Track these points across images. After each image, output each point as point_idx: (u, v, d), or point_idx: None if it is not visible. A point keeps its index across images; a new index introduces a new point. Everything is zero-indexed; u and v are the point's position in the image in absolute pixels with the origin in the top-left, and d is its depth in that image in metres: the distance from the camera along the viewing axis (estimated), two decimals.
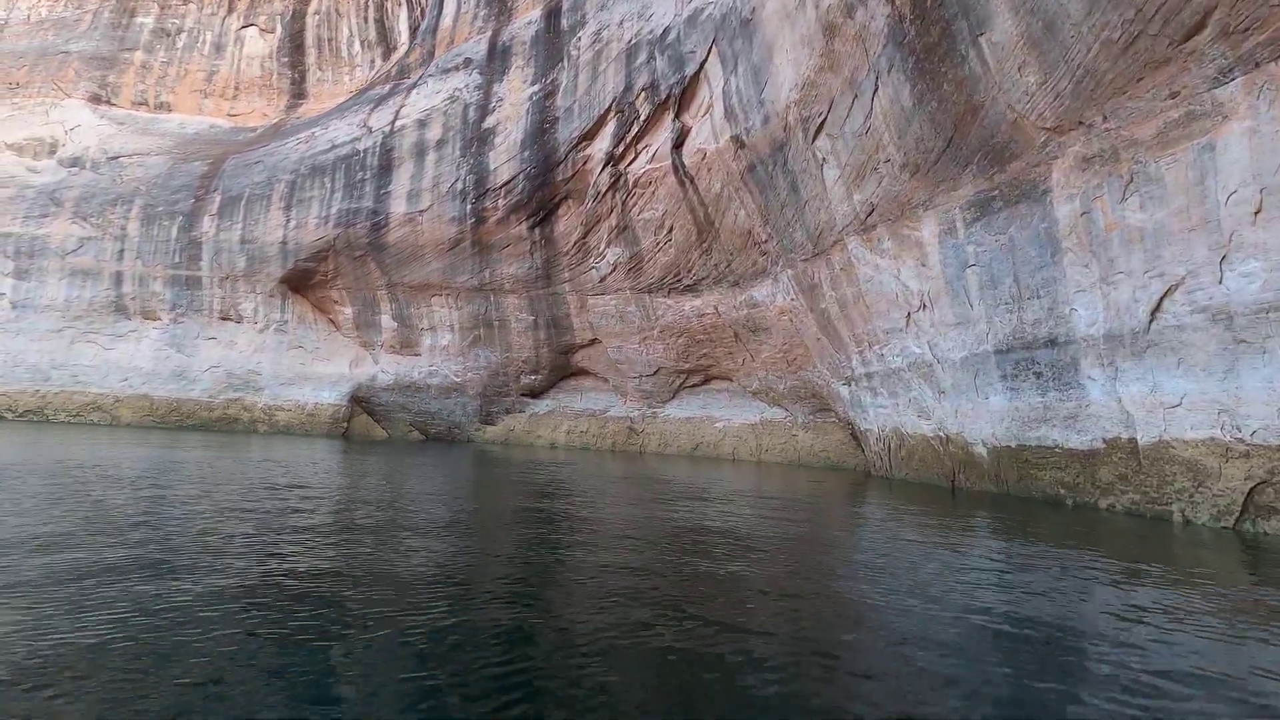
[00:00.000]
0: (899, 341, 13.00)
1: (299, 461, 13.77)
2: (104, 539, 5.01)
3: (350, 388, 26.37)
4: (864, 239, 13.17)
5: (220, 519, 6.24)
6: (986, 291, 10.47)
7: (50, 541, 4.80)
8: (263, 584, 3.99)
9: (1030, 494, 10.17)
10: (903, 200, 11.94)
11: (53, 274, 26.71)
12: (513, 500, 9.47)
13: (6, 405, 25.73)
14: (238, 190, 26.37)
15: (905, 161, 11.42)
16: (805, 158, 14.03)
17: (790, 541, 6.85)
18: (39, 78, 29.65)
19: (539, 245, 23.29)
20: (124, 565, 4.22)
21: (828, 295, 15.04)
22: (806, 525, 8.08)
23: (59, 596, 3.58)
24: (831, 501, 10.87)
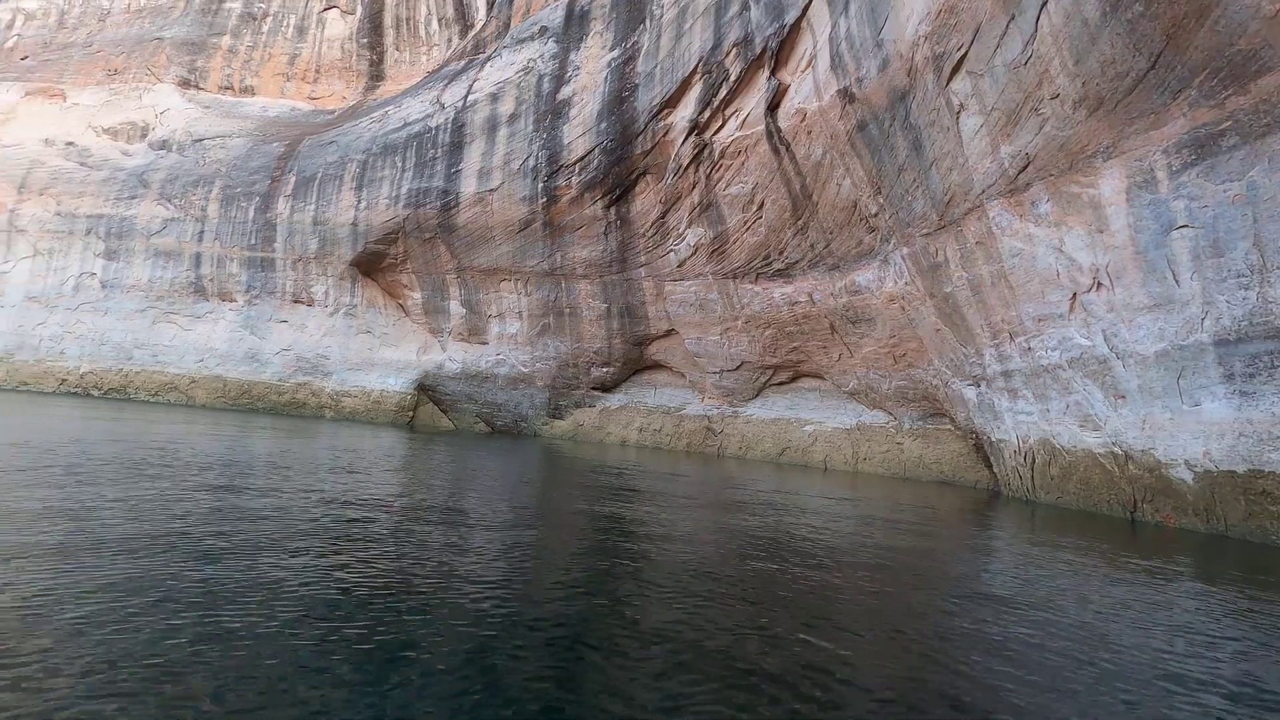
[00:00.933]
0: (1056, 331, 10.31)
1: (364, 452, 12.55)
2: (184, 526, 4.63)
3: (417, 375, 25.42)
4: (1011, 203, 10.55)
5: (286, 513, 5.50)
6: (1205, 261, 7.75)
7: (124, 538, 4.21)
8: (325, 580, 3.70)
9: (1267, 538, 7.43)
10: (1073, 149, 9.30)
11: (139, 254, 27.07)
12: (582, 503, 7.95)
13: (94, 383, 26.20)
14: (311, 171, 25.89)
15: (1082, 96, 8.80)
16: (934, 106, 11.51)
17: (910, 573, 4.89)
18: (135, 64, 30.32)
19: (614, 226, 21.48)
20: (186, 556, 3.92)
21: (955, 276, 12.43)
22: (926, 554, 5.87)
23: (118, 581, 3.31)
24: (953, 525, 8.49)
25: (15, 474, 6.10)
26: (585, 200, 21.57)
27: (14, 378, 26.67)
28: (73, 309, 27.19)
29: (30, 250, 28.03)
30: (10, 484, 5.57)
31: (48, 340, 26.90)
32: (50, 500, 5.03)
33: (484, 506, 6.94)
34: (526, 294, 23.91)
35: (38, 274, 27.79)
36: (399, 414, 25.11)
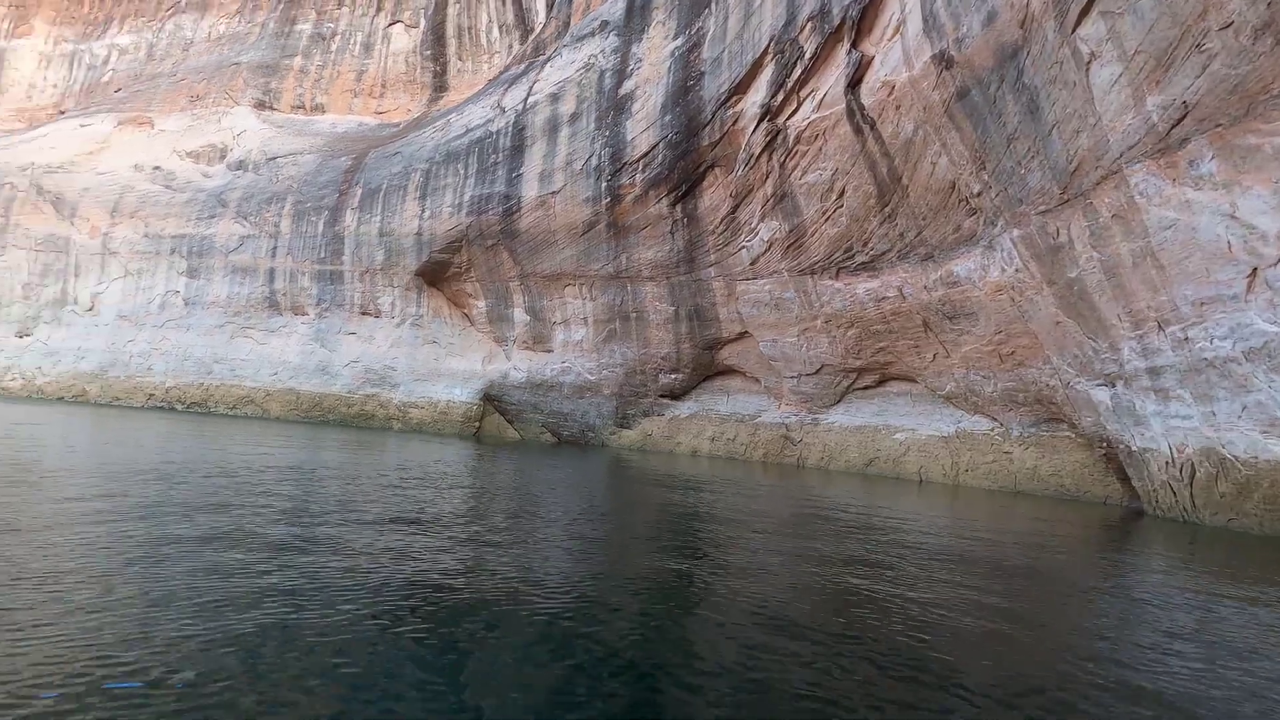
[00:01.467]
0: (1227, 316, 8.47)
1: (428, 467, 11.93)
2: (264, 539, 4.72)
3: (482, 385, 24.94)
4: (1161, 164, 8.78)
5: (354, 528, 5.42)
6: None
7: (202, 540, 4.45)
8: (393, 590, 3.67)
9: None
10: (1250, 89, 7.54)
11: (218, 272, 27.81)
12: (650, 522, 7.30)
13: (177, 397, 26.98)
14: (377, 182, 25.94)
15: (1267, 20, 7.07)
16: (1056, 60, 9.84)
17: (1048, 631, 3.63)
18: (215, 89, 31.45)
19: (680, 225, 20.35)
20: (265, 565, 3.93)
21: (1083, 258, 10.65)
22: (1064, 598, 4.48)
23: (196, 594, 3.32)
24: (1093, 552, 6.93)
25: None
26: (650, 198, 20.54)
27: (108, 393, 27.80)
28: (159, 326, 28.17)
29: (122, 271, 29.29)
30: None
31: (137, 357, 27.94)
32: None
33: (548, 527, 6.37)
34: (591, 299, 23.05)
35: (128, 293, 28.98)
36: (465, 425, 24.67)
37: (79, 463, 8.34)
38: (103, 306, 29.28)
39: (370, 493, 7.84)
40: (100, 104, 33.16)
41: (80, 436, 12.61)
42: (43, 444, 10.56)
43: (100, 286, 29.45)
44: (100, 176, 30.66)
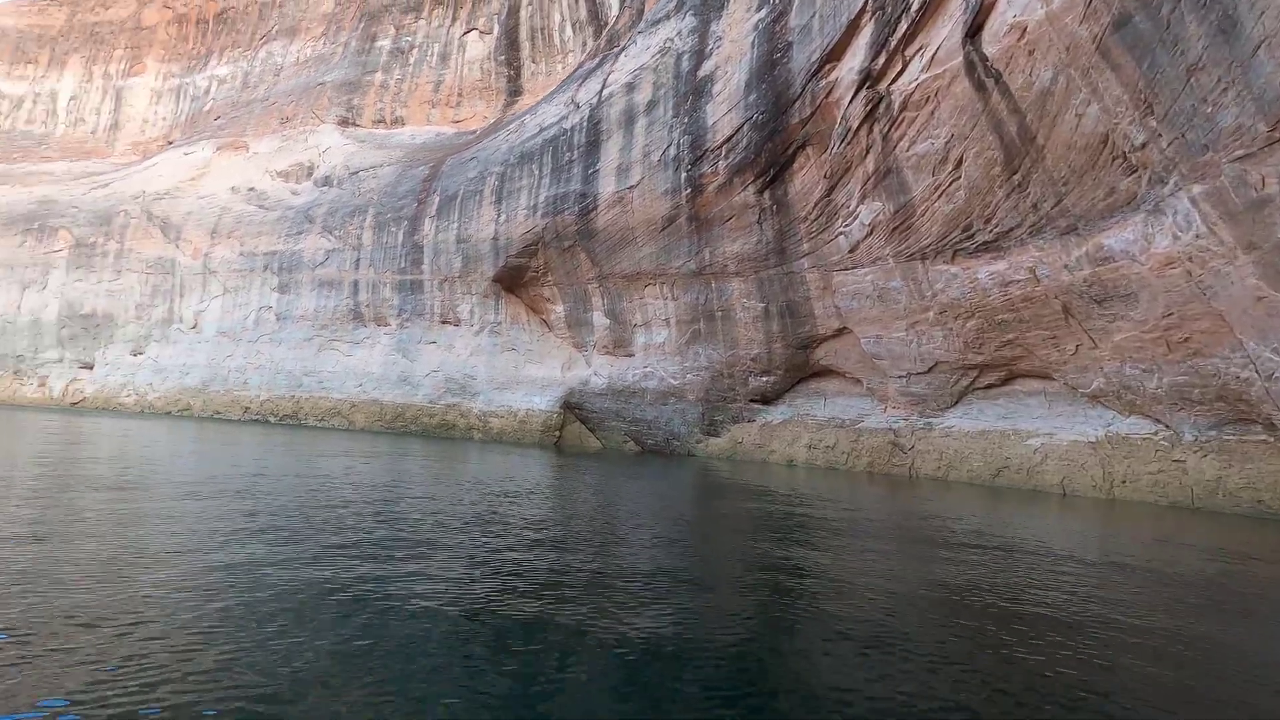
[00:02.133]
0: None
1: (510, 477, 11.10)
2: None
3: (562, 392, 23.99)
4: None
5: (434, 550, 5.16)
6: None
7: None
8: (472, 607, 3.62)
9: None
10: None
11: (306, 286, 28.31)
12: (743, 543, 6.35)
13: (270, 410, 27.55)
14: (453, 189, 25.62)
15: None
16: None
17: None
18: (302, 109, 32.34)
19: (769, 213, 18.65)
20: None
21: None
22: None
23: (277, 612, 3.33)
24: None
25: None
26: (734, 186, 18.96)
27: (209, 407, 28.78)
28: (253, 341, 28.96)
29: (221, 289, 30.39)
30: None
31: (234, 371, 28.80)
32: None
33: (634, 554, 5.70)
34: (673, 298, 21.65)
35: (226, 310, 30.02)
36: (545, 434, 23.78)
37: (200, 475, 7.83)
38: (204, 324, 30.46)
39: (451, 526, 6.75)
40: (202, 132, 34.86)
41: (185, 450, 12.40)
42: (149, 458, 10.19)
43: (202, 305, 30.67)
44: (201, 200, 32.07)
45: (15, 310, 33.73)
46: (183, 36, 39.63)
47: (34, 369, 33.27)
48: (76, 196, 34.83)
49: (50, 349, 33.13)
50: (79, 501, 6.17)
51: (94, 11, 41.50)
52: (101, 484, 7.39)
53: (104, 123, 39.58)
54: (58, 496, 6.36)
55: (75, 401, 32.05)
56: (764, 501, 10.10)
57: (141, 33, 40.16)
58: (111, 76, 40.11)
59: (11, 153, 39.76)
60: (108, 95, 39.99)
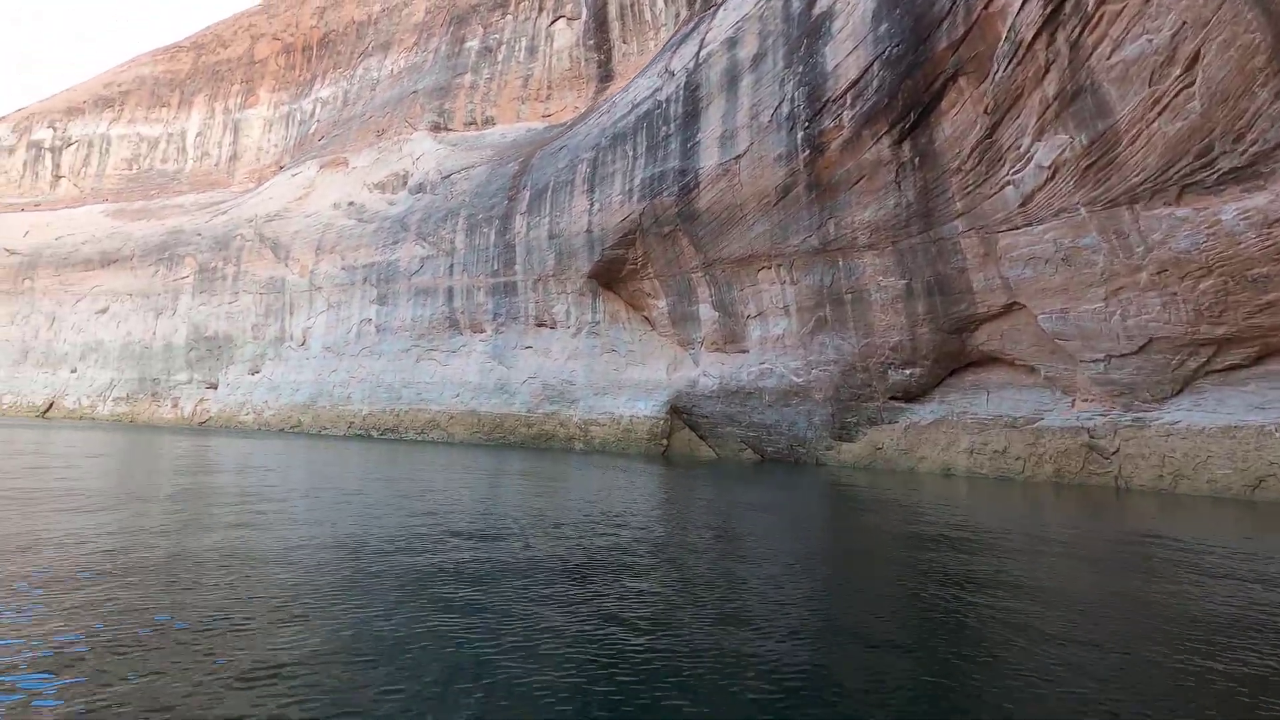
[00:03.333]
0: None
1: (615, 493, 9.40)
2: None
3: (667, 396, 21.52)
4: None
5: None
6: None
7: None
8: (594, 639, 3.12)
9: None
10: None
11: (403, 296, 27.60)
12: (904, 588, 4.36)
13: (373, 424, 26.93)
14: (543, 181, 23.90)
15: None
16: None
17: None
18: (396, 120, 32.06)
19: (909, 169, 15.34)
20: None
21: None
22: None
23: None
24: None
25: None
26: (863, 141, 15.80)
27: (317, 423, 28.67)
28: (355, 355, 28.60)
29: (325, 304, 30.42)
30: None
31: (338, 386, 28.54)
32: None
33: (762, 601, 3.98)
34: (792, 282, 18.66)
35: (330, 325, 29.96)
36: (651, 443, 21.36)
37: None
38: (311, 340, 30.58)
39: (554, 569, 4.45)
40: (307, 153, 35.55)
41: (296, 477, 11.07)
42: (272, 496, 8.74)
43: (309, 321, 30.83)
44: (307, 219, 32.44)
45: (151, 336, 35.63)
46: (290, 65, 41.05)
47: (168, 391, 34.92)
48: (200, 225, 36.49)
49: (180, 371, 34.65)
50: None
51: (215, 52, 43.96)
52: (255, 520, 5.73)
53: (225, 154, 41.66)
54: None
55: (202, 421, 33.21)
56: (928, 525, 7.12)
57: (254, 66, 42.02)
58: (230, 110, 42.22)
59: (149, 190, 42.64)
60: (227, 128, 42.11)
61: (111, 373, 36.42)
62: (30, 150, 45.73)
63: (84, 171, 44.50)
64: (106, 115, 45.04)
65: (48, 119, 46.26)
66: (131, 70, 46.07)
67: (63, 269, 39.18)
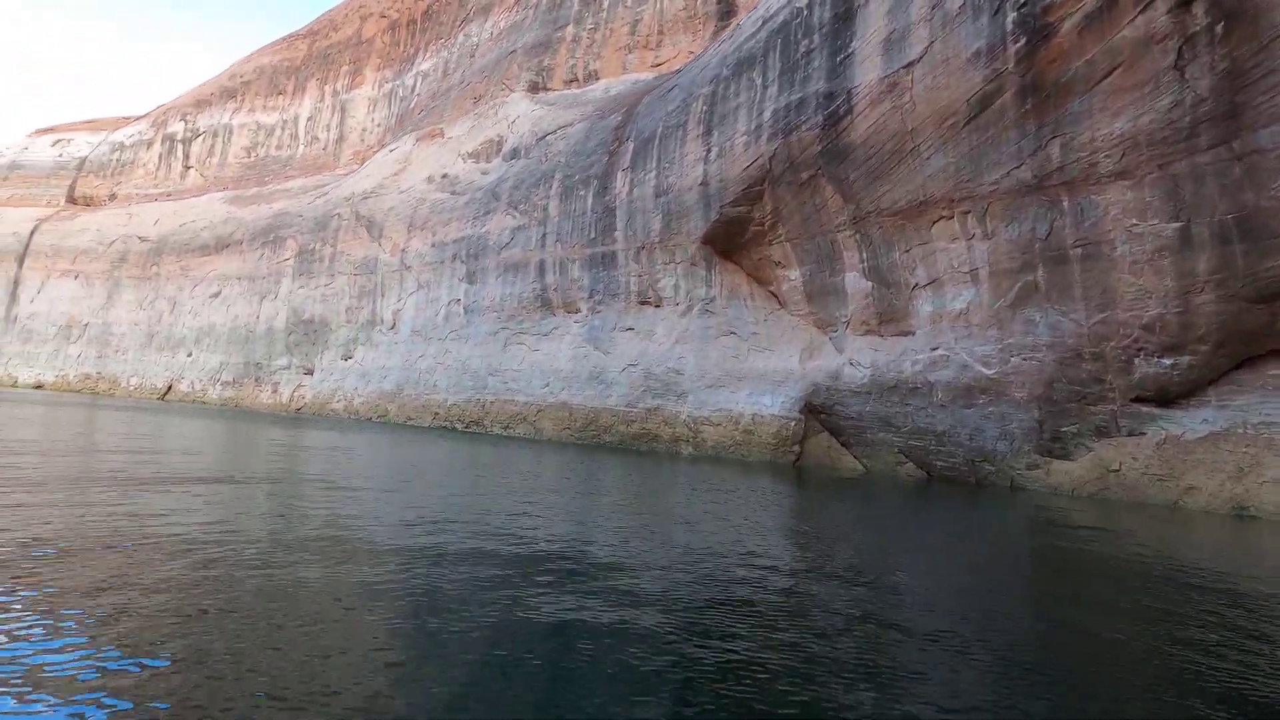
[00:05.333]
0: None
1: (732, 529, 6.19)
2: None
3: (801, 391, 16.90)
4: None
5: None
6: None
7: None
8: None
9: None
10: None
11: (492, 273, 24.63)
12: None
13: (457, 415, 24.12)
14: (650, 129, 19.94)
15: None
16: None
17: None
18: (493, 84, 29.33)
19: (1202, 43, 9.99)
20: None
21: None
22: None
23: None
24: None
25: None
26: (1120, 10, 10.54)
27: (403, 412, 26.33)
28: (443, 339, 26.00)
29: (415, 285, 28.11)
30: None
31: (424, 373, 26.04)
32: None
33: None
34: (984, 236, 13.55)
35: (419, 307, 27.61)
36: (779, 449, 16.83)
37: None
38: (401, 323, 28.41)
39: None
40: (406, 128, 33.71)
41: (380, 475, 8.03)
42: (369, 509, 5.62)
43: (399, 303, 28.68)
44: (401, 195, 30.41)
45: (255, 319, 35.11)
46: (395, 42, 39.78)
47: (269, 375, 34.20)
48: (303, 206, 35.65)
49: (280, 355, 33.79)
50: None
51: (327, 37, 43.65)
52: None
53: (332, 137, 41.08)
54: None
55: (298, 408, 32.05)
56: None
57: (361, 46, 41.18)
58: (338, 93, 41.63)
59: (264, 176, 42.87)
60: (335, 111, 41.53)
61: (221, 356, 36.33)
62: (164, 143, 47.64)
63: (209, 161, 45.66)
64: (230, 106, 46.04)
65: (180, 112, 48.03)
66: (253, 61, 46.92)
67: (184, 255, 39.86)
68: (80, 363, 41.55)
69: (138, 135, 49.31)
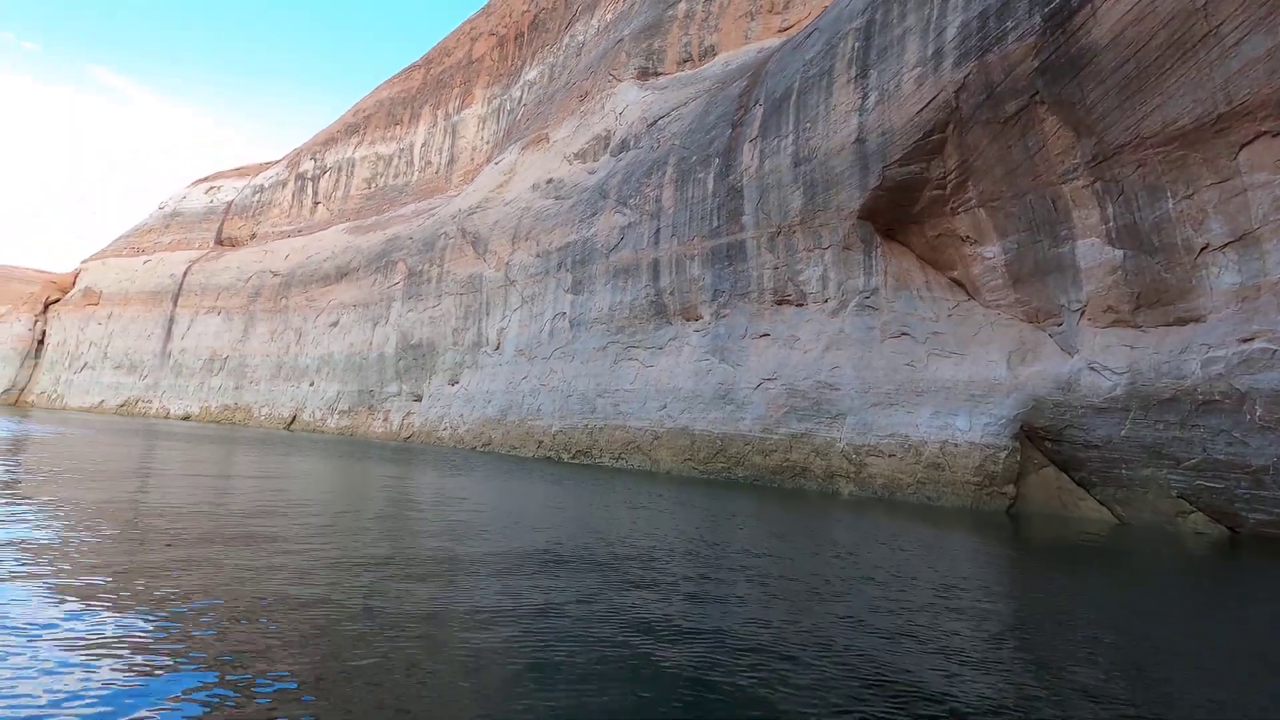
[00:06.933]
0: None
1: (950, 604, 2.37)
2: None
3: (1013, 408, 12.17)
4: None
5: None
6: None
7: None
8: None
9: None
10: None
11: (599, 280, 21.57)
12: None
13: (563, 444, 21.05)
14: (783, 88, 16.11)
15: None
16: None
17: None
18: (599, 79, 26.75)
19: None
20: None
21: None
22: None
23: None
24: None
25: None
26: None
27: (507, 441, 23.71)
28: (547, 358, 23.20)
29: (519, 300, 25.70)
30: None
31: (528, 396, 23.32)
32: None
33: None
34: None
35: (523, 324, 25.10)
36: (983, 490, 12.14)
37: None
38: (505, 342, 26.05)
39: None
40: (512, 139, 31.96)
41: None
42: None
43: (503, 321, 26.38)
44: (506, 207, 28.39)
45: (368, 346, 34.40)
46: (503, 57, 38.73)
47: (380, 403, 33.17)
48: (413, 229, 34.78)
49: (391, 382, 32.67)
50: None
51: (440, 63, 43.63)
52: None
53: (443, 160, 40.52)
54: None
55: (407, 436, 30.55)
56: None
57: (471, 66, 40.54)
58: (450, 115, 41.16)
59: (382, 205, 43.09)
60: (446, 133, 41.04)
61: (338, 385, 35.96)
62: (296, 182, 49.62)
63: (334, 195, 46.84)
64: (353, 140, 47.16)
65: (311, 152, 49.97)
66: (375, 95, 48.01)
67: (309, 285, 40.41)
68: (220, 394, 43.12)
69: (275, 177, 51.88)
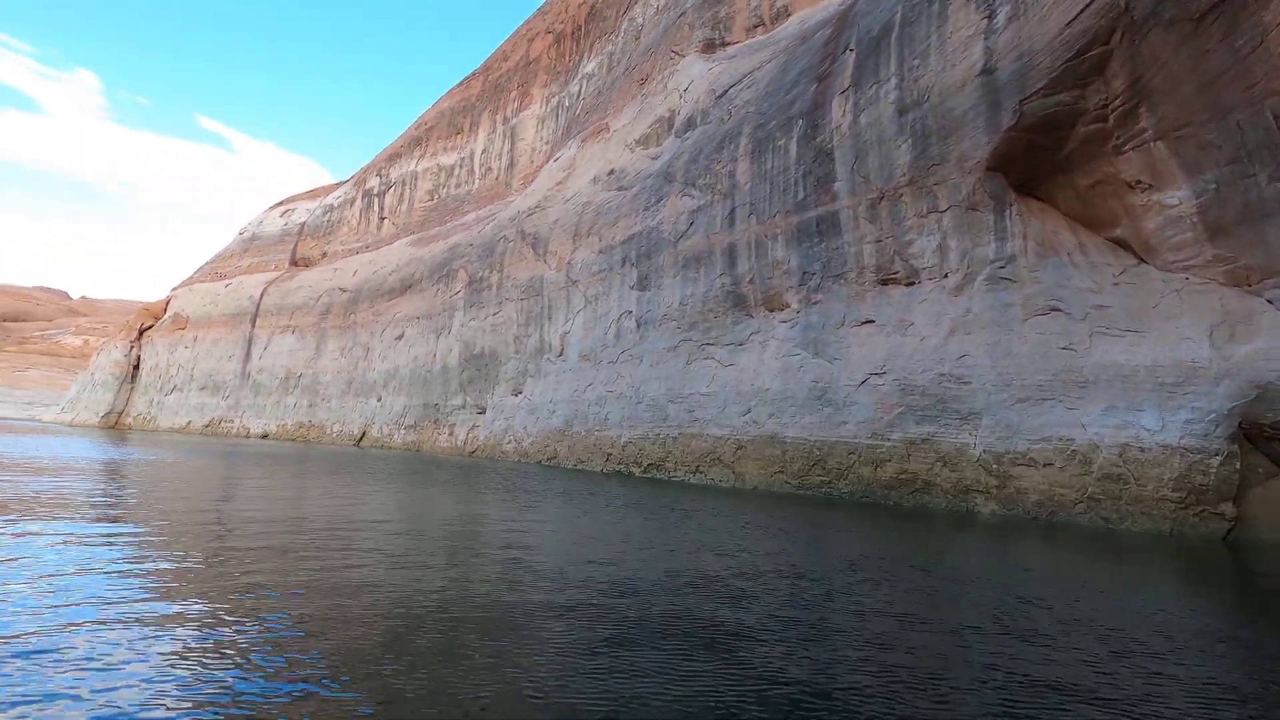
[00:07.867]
0: None
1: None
2: None
3: (1229, 398, 9.13)
4: None
5: None
6: None
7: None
8: None
9: None
10: None
11: (668, 272, 19.35)
12: None
13: (633, 456, 18.88)
14: (880, 24, 13.49)
15: None
16: None
17: None
18: (660, 58, 24.67)
19: None
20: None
21: None
22: None
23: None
24: None
25: None
26: None
27: (573, 454, 21.76)
28: (613, 361, 21.13)
29: (582, 301, 23.79)
30: None
31: (594, 404, 21.31)
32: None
33: None
34: None
35: (587, 326, 23.16)
36: (1186, 509, 9.14)
37: None
38: (569, 347, 24.18)
39: None
40: (571, 134, 30.32)
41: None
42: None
43: (566, 325, 24.53)
44: (566, 204, 26.66)
45: (432, 358, 33.39)
46: (560, 54, 37.33)
47: (445, 416, 31.99)
48: (473, 236, 33.64)
49: (455, 395, 31.45)
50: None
51: (498, 68, 42.75)
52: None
53: (503, 165, 39.43)
54: None
55: (472, 450, 29.14)
56: None
57: (529, 67, 39.37)
58: (508, 119, 40.08)
59: (444, 216, 42.43)
60: (505, 138, 39.95)
61: (404, 399, 35.13)
62: (364, 199, 49.88)
63: (399, 209, 46.68)
64: (416, 154, 46.94)
65: (376, 168, 50.17)
66: (436, 107, 47.72)
67: (375, 300, 40.05)
68: (295, 412, 43.35)
69: (343, 196, 52.44)
